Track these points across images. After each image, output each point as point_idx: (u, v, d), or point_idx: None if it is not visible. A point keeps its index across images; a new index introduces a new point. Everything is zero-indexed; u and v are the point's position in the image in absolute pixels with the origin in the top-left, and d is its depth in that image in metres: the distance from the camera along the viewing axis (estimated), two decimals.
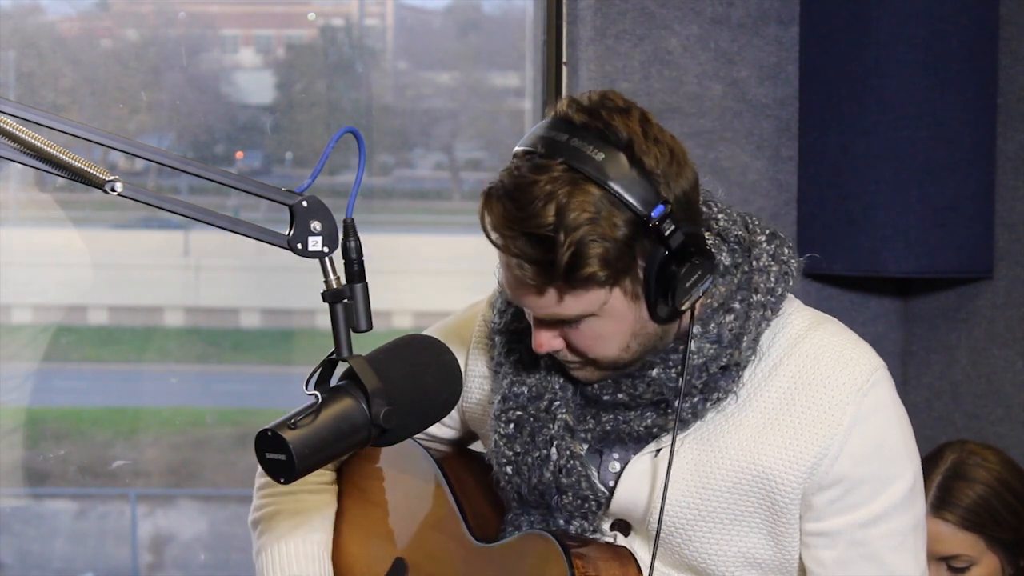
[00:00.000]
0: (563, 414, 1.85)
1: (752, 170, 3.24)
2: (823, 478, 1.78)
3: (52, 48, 4.00)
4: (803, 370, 1.81)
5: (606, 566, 1.81)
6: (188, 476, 4.79)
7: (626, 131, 1.70)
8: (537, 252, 1.68)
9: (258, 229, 1.57)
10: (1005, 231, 3.11)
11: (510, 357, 1.90)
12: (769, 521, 1.81)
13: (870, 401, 1.79)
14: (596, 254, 1.67)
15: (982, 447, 2.56)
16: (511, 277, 1.73)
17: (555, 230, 1.66)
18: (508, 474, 1.88)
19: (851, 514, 1.80)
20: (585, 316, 1.73)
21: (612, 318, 1.74)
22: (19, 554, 4.57)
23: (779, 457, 1.79)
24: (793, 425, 1.79)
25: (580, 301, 1.71)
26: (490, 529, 1.96)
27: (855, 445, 1.78)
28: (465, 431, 2.08)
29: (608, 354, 1.77)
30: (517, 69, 4.09)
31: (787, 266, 1.85)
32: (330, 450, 1.58)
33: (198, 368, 4.98)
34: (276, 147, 4.37)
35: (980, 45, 3.07)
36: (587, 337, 1.75)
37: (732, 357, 1.80)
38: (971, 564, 2.47)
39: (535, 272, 1.69)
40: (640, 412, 1.83)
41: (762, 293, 1.82)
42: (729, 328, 1.79)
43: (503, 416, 1.88)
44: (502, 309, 1.93)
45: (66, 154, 1.47)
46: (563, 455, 1.84)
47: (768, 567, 1.84)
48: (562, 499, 1.85)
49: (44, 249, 4.38)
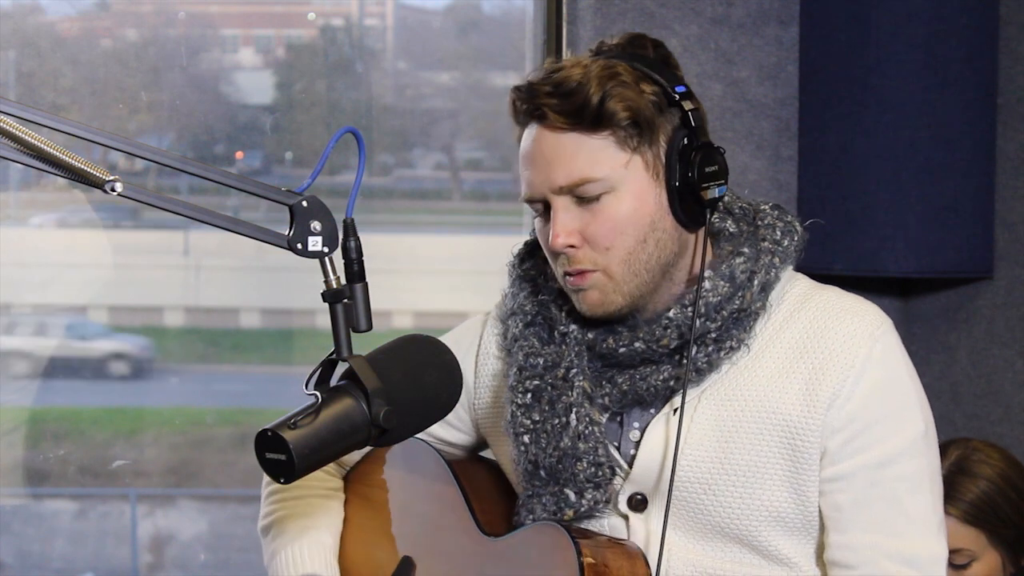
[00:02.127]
0: (580, 381, 1.87)
1: (752, 170, 3.24)
2: (837, 418, 1.82)
3: (52, 48, 4.00)
4: (815, 321, 1.86)
5: (613, 557, 1.81)
6: (188, 476, 4.79)
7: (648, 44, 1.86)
8: (565, 103, 1.78)
9: (258, 229, 1.57)
10: (1005, 231, 3.11)
11: (526, 331, 1.92)
12: (791, 472, 1.83)
13: (881, 346, 1.85)
14: (622, 96, 1.78)
15: (985, 444, 2.57)
16: (535, 152, 1.81)
17: (585, 77, 1.78)
18: (525, 443, 1.89)
19: (865, 454, 1.83)
20: (605, 192, 1.78)
21: (632, 196, 1.79)
22: (19, 554, 4.57)
23: (796, 402, 1.82)
24: (808, 371, 1.83)
25: (602, 156, 1.78)
26: (499, 524, 1.96)
27: (868, 384, 1.82)
28: (476, 436, 2.09)
29: (625, 244, 1.80)
30: (517, 69, 4.09)
31: (791, 226, 1.91)
32: (330, 450, 1.58)
33: (198, 368, 4.98)
34: (276, 147, 4.37)
35: (980, 45, 3.07)
36: (606, 220, 1.79)
37: (744, 299, 1.83)
38: (972, 560, 2.47)
39: (562, 118, 1.78)
40: (657, 366, 1.85)
41: (769, 242, 1.88)
42: (740, 269, 1.84)
43: (520, 387, 1.90)
44: (515, 292, 1.97)
45: (66, 154, 1.47)
46: (582, 421, 1.86)
47: (791, 523, 1.85)
48: (577, 466, 1.86)
49: (44, 249, 4.38)
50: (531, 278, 1.97)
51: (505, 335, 1.97)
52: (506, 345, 1.97)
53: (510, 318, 1.96)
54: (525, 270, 1.98)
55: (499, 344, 2.01)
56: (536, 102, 1.80)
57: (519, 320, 1.94)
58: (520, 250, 2.01)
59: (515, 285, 1.98)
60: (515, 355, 1.93)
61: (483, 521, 1.96)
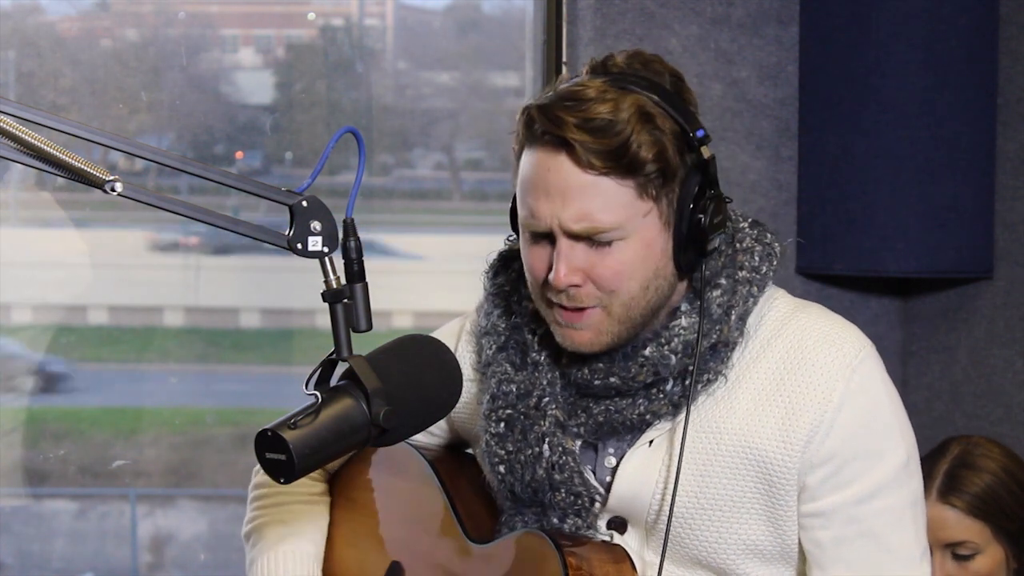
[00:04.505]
0: (553, 410, 1.84)
1: (752, 170, 3.24)
2: (815, 455, 1.79)
3: (52, 48, 4.00)
4: (791, 350, 1.82)
5: (600, 563, 1.81)
6: (188, 476, 4.79)
7: (666, 72, 1.79)
8: (598, 142, 1.71)
9: (258, 229, 1.57)
10: (1005, 231, 3.11)
11: (498, 355, 1.90)
12: (768, 506, 1.82)
13: (859, 378, 1.80)
14: (654, 143, 1.72)
15: (987, 440, 2.58)
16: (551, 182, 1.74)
17: (614, 114, 1.71)
18: (501, 473, 1.88)
19: (845, 491, 1.80)
20: (617, 239, 1.74)
21: (642, 244, 1.75)
22: (19, 554, 4.57)
23: (773, 438, 1.79)
24: (784, 405, 1.80)
25: (621, 204, 1.73)
26: (485, 529, 1.95)
27: (845, 420, 1.79)
28: (454, 438, 2.08)
29: (629, 289, 1.76)
30: (517, 69, 4.09)
31: (770, 248, 1.86)
32: (330, 450, 1.58)
33: (198, 368, 4.97)
34: (276, 147, 4.37)
35: (980, 45, 3.07)
36: (614, 264, 1.75)
37: (721, 334, 1.80)
38: (976, 552, 2.47)
39: (596, 159, 1.71)
40: (632, 400, 1.82)
41: (747, 270, 1.83)
42: (717, 303, 1.80)
43: (493, 415, 1.88)
44: (488, 311, 1.93)
45: (66, 154, 1.47)
46: (555, 451, 1.84)
47: (769, 554, 1.84)
48: (555, 496, 1.84)
49: (44, 249, 4.38)
50: (504, 295, 1.93)
51: (479, 354, 1.94)
52: (480, 367, 1.94)
53: (484, 337, 1.93)
54: (499, 286, 1.94)
55: (473, 364, 1.97)
56: (562, 134, 1.72)
57: (492, 341, 1.91)
58: (494, 262, 1.96)
59: (489, 302, 1.94)
60: (488, 380, 1.91)
61: (469, 525, 1.95)
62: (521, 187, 1.79)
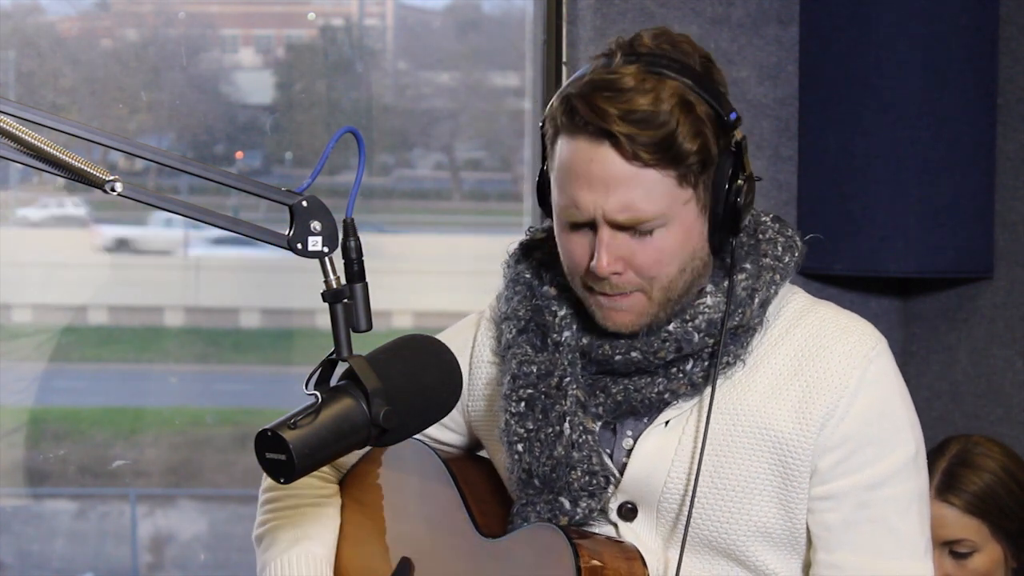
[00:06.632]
0: (574, 390, 1.86)
1: (752, 170, 3.24)
2: (830, 438, 1.82)
3: (52, 48, 4.00)
4: (809, 338, 1.86)
5: (611, 558, 1.81)
6: (188, 476, 4.79)
7: (695, 54, 1.80)
8: (643, 134, 1.72)
9: (258, 229, 1.57)
10: (1005, 231, 3.11)
11: (518, 338, 1.91)
12: (781, 488, 1.83)
13: (875, 368, 1.85)
14: (697, 133, 1.74)
15: (986, 439, 2.59)
16: (594, 173, 1.75)
17: (655, 104, 1.72)
18: (519, 452, 1.88)
19: (856, 475, 1.83)
20: (659, 227, 1.76)
21: (682, 230, 1.78)
22: (19, 554, 4.57)
23: (789, 419, 1.82)
24: (802, 389, 1.83)
25: (664, 193, 1.75)
26: (496, 525, 1.96)
27: (861, 406, 1.82)
28: (470, 437, 2.08)
29: (668, 273, 1.78)
30: (517, 69, 4.09)
31: (792, 240, 1.90)
32: (330, 450, 1.58)
33: (198, 368, 4.97)
34: (276, 147, 4.37)
35: (980, 45, 3.07)
36: (654, 252, 1.77)
37: (743, 317, 1.83)
38: (974, 551, 2.47)
39: (643, 150, 1.72)
40: (652, 378, 1.84)
41: (771, 258, 1.87)
42: (742, 286, 1.83)
43: (513, 395, 1.89)
44: (508, 296, 1.94)
45: (66, 154, 1.47)
46: (576, 430, 1.85)
47: (778, 539, 1.85)
48: (571, 475, 1.85)
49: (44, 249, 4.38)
50: (525, 281, 1.94)
51: (499, 339, 1.96)
52: (500, 351, 1.95)
53: (504, 322, 1.94)
54: (519, 272, 1.95)
55: (493, 349, 1.99)
56: (606, 125, 1.73)
57: (512, 326, 1.92)
58: (515, 250, 1.98)
59: (509, 288, 1.95)
60: (508, 362, 1.92)
61: (481, 523, 1.96)
62: (560, 175, 1.80)
